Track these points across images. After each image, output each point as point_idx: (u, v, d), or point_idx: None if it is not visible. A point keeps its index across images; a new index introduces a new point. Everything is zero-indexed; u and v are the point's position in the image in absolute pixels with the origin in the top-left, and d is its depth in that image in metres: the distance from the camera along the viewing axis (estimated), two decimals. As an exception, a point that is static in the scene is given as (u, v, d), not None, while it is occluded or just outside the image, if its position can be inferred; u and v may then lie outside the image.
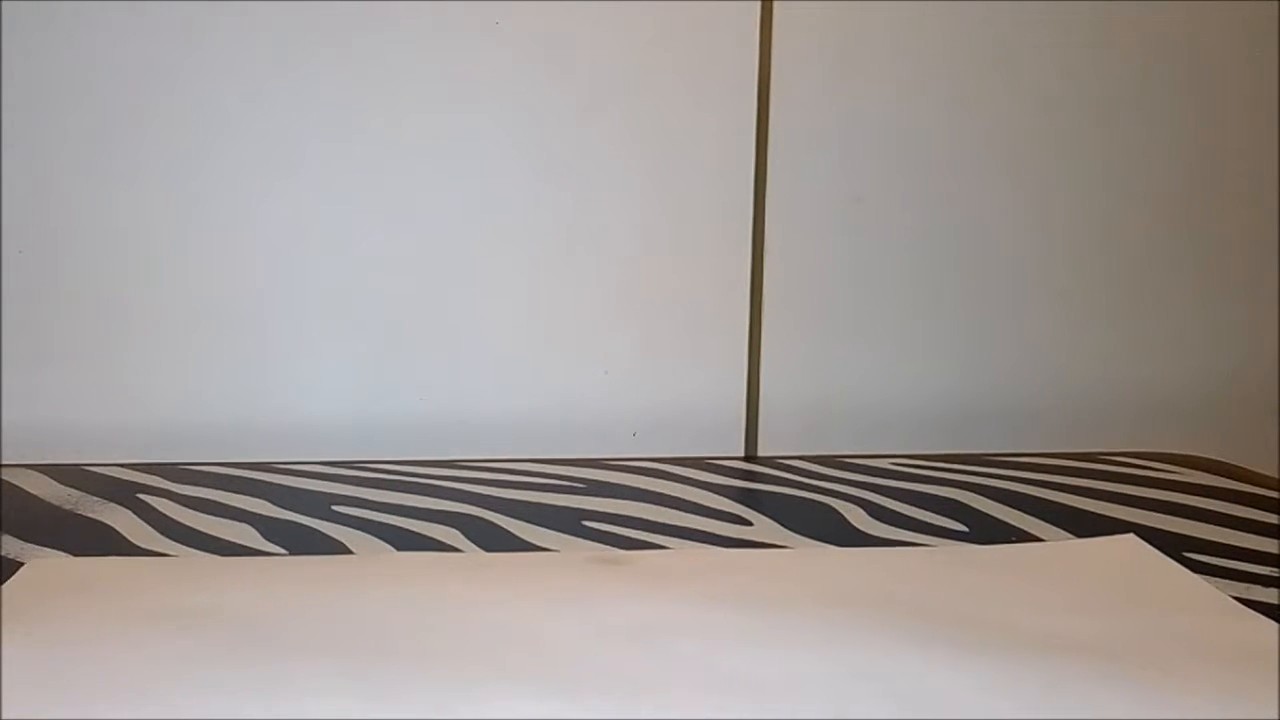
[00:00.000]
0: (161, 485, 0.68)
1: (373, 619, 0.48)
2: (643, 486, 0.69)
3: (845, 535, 0.61)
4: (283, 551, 0.58)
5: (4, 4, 0.74)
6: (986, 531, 0.62)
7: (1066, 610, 0.50)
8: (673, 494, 0.68)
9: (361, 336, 0.79)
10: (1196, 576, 0.54)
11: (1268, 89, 0.82)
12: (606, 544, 0.59)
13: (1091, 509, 0.65)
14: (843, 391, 0.82)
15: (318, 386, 0.79)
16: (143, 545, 0.59)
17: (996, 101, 0.81)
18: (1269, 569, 0.56)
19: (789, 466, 0.74)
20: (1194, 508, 0.65)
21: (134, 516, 0.63)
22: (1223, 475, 0.72)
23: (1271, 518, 0.63)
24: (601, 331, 0.81)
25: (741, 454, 0.82)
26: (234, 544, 0.59)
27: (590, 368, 0.81)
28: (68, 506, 0.65)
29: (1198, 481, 0.71)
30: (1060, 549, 0.59)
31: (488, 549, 0.59)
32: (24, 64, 0.75)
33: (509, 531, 0.61)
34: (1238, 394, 0.85)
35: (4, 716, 0.40)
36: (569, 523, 0.63)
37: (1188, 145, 0.82)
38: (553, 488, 0.69)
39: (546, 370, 0.81)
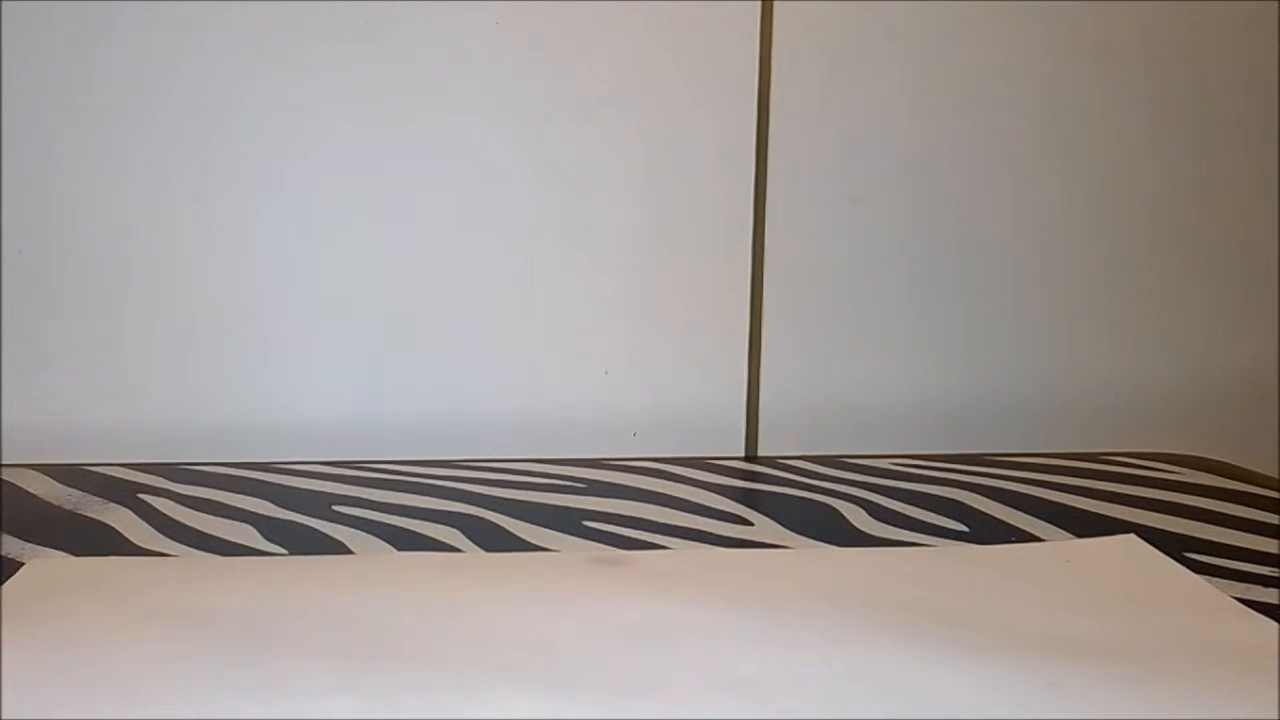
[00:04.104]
0: (161, 485, 0.68)
1: (373, 619, 0.48)
2: (643, 486, 0.69)
3: (845, 535, 0.61)
4: (283, 551, 0.58)
5: (4, 4, 0.74)
6: (986, 531, 0.62)
7: (1066, 610, 0.50)
8: (673, 494, 0.68)
9: (361, 336, 0.79)
10: (1196, 576, 0.54)
11: (1268, 89, 0.82)
12: (606, 544, 0.59)
13: (1091, 509, 0.65)
14: (843, 391, 0.82)
15: (318, 386, 0.79)
16: (143, 545, 0.59)
17: (996, 102, 0.81)
18: (1269, 569, 0.56)
19: (789, 466, 0.74)
20: (1194, 508, 0.65)
21: (134, 516, 0.63)
22: (1223, 475, 0.72)
23: (1271, 518, 0.63)
24: (601, 331, 0.81)
25: (741, 454, 0.82)
26: (234, 544, 0.59)
27: (590, 368, 0.81)
28: (68, 506, 0.65)
29: (1198, 481, 0.71)
30: (1060, 549, 0.59)
31: (488, 549, 0.59)
32: (24, 64, 0.75)
33: (509, 531, 0.61)
34: (1238, 394, 0.85)
35: (4, 716, 0.40)
36: (569, 523, 0.63)
37: (1188, 146, 0.82)
38: (553, 488, 0.69)
39: (546, 370, 0.81)
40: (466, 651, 0.46)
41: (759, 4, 0.78)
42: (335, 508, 0.65)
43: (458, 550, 0.58)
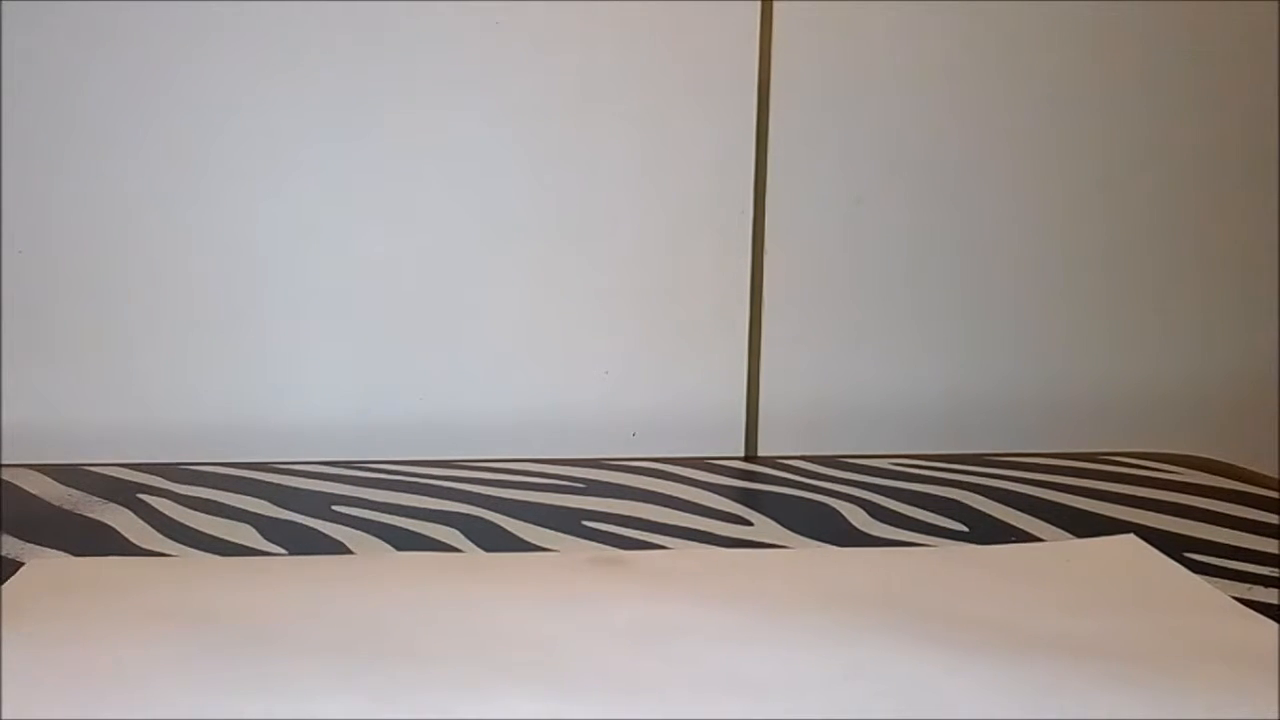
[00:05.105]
0: (161, 485, 0.68)
1: (372, 619, 0.48)
2: (643, 486, 0.69)
3: (845, 535, 0.61)
4: (283, 551, 0.58)
5: (4, 4, 0.74)
6: (986, 531, 0.62)
7: (1066, 610, 0.50)
8: (673, 494, 0.68)
9: (361, 336, 0.79)
10: (1196, 577, 0.54)
11: (1268, 89, 0.82)
12: (606, 544, 0.59)
13: (1091, 509, 0.65)
14: (842, 391, 0.82)
15: (318, 386, 0.79)
16: (143, 545, 0.59)
17: (996, 101, 0.81)
18: (1269, 569, 0.56)
19: (789, 466, 0.74)
20: (1194, 508, 0.65)
21: (134, 516, 0.63)
22: (1223, 475, 0.72)
23: (1272, 518, 0.63)
24: (601, 331, 0.81)
25: (741, 454, 0.82)
26: (234, 544, 0.59)
27: (590, 368, 0.81)
28: (68, 506, 0.65)
29: (1198, 481, 0.71)
30: (1060, 549, 0.59)
31: (488, 549, 0.59)
32: (24, 64, 0.75)
33: (509, 531, 0.61)
34: (1238, 394, 0.85)
35: (4, 717, 0.40)
36: (569, 523, 0.63)
37: (1188, 146, 0.82)
38: (553, 488, 0.69)
39: (546, 370, 0.81)
40: (466, 651, 0.46)
41: (759, 4, 0.78)
42: (335, 508, 0.65)
43: (458, 550, 0.58)
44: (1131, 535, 0.60)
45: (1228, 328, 0.84)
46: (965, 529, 0.62)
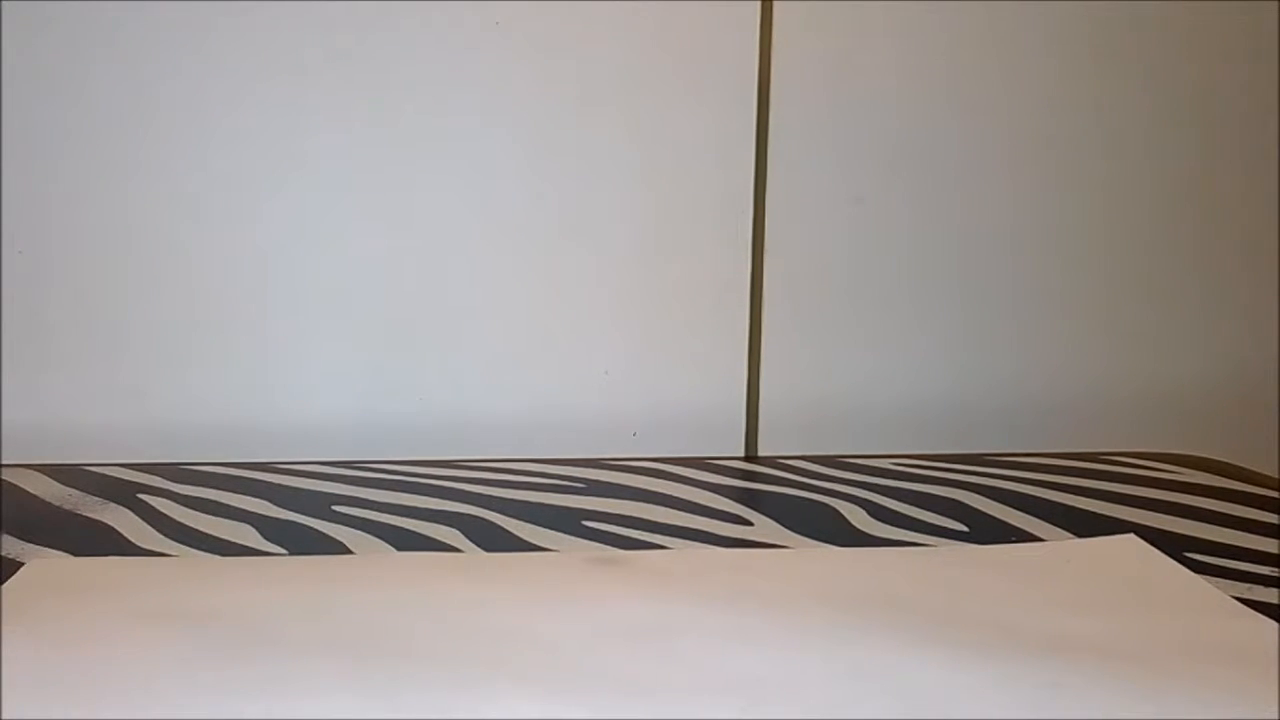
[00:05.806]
0: (161, 485, 0.68)
1: (372, 619, 0.48)
2: (643, 486, 0.69)
3: (845, 535, 0.61)
4: (283, 551, 0.58)
5: (4, 4, 0.74)
6: (986, 531, 0.62)
7: (1067, 610, 0.50)
8: (673, 494, 0.68)
9: (361, 336, 0.79)
10: (1197, 576, 0.54)
11: (1268, 89, 0.82)
12: (606, 544, 0.59)
13: (1091, 509, 0.65)
14: (843, 391, 0.82)
15: (318, 386, 0.79)
16: (143, 545, 0.59)
17: (997, 102, 0.81)
18: (1269, 569, 0.56)
19: (789, 466, 0.74)
20: (1194, 508, 0.65)
21: (134, 516, 0.63)
22: (1223, 475, 0.72)
23: (1272, 518, 0.63)
24: (601, 331, 0.81)
25: (741, 454, 0.82)
26: (234, 544, 0.59)
27: (590, 368, 0.81)
28: (68, 506, 0.65)
29: (1198, 481, 0.71)
30: (1060, 549, 0.59)
31: (488, 549, 0.59)
32: (24, 64, 0.75)
33: (509, 531, 0.61)
34: (1238, 394, 0.85)
35: (4, 716, 0.40)
36: (569, 523, 0.63)
37: (1188, 146, 0.82)
38: (553, 488, 0.69)
39: (546, 370, 0.81)
40: (466, 651, 0.46)
41: (759, 3, 0.78)
42: (335, 508, 0.65)
43: (458, 550, 0.58)
44: (1131, 535, 0.60)
45: (1228, 328, 0.84)
46: (965, 529, 0.62)
